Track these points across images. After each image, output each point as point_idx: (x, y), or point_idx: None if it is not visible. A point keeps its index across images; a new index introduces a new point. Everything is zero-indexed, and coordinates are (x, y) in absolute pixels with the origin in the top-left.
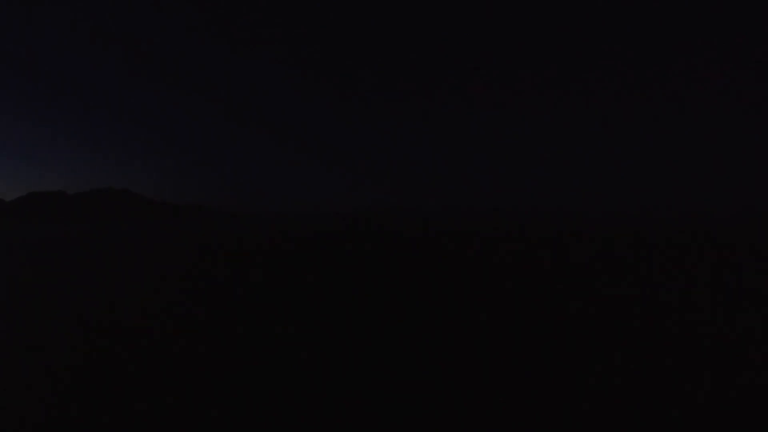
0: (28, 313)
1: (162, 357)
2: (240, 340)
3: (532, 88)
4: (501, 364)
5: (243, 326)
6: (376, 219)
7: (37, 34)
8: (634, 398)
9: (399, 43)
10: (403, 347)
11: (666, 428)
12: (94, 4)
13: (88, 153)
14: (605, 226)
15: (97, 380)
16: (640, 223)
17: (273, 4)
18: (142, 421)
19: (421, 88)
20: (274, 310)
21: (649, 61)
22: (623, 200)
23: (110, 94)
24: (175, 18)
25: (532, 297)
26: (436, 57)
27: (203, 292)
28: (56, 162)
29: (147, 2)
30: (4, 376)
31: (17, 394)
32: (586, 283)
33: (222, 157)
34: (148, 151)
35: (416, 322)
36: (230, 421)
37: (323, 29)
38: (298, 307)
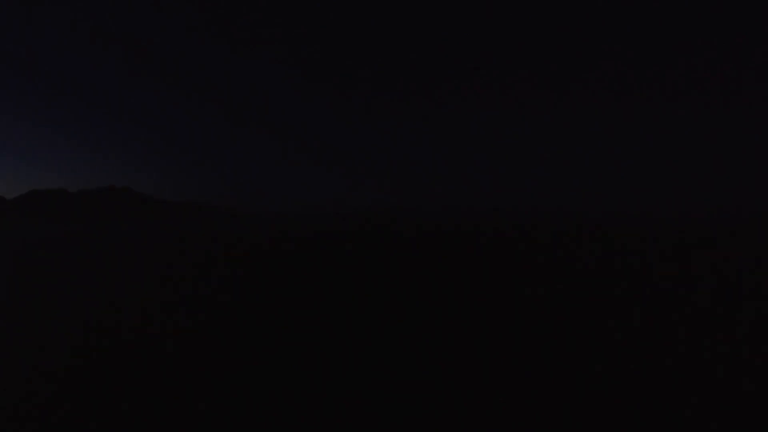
0: (29, 312)
1: (162, 356)
2: (240, 340)
3: (532, 88)
4: (501, 363)
5: (243, 325)
6: (376, 219)
7: (37, 34)
8: (634, 397)
9: (399, 43)
10: (403, 346)
11: (665, 428)
12: (94, 4)
13: (88, 151)
14: (605, 226)
15: (97, 380)
16: (640, 223)
17: (273, 4)
18: (142, 421)
19: (421, 88)
20: (274, 310)
21: (649, 61)
22: (623, 200)
23: (110, 93)
24: (175, 18)
25: (532, 296)
26: (435, 57)
27: (204, 291)
28: (57, 160)
29: (147, 2)
30: (4, 375)
31: (17, 394)
32: (585, 283)
33: (222, 157)
34: (148, 150)
35: (416, 321)
36: (230, 420)
37: (323, 29)
38: (298, 307)
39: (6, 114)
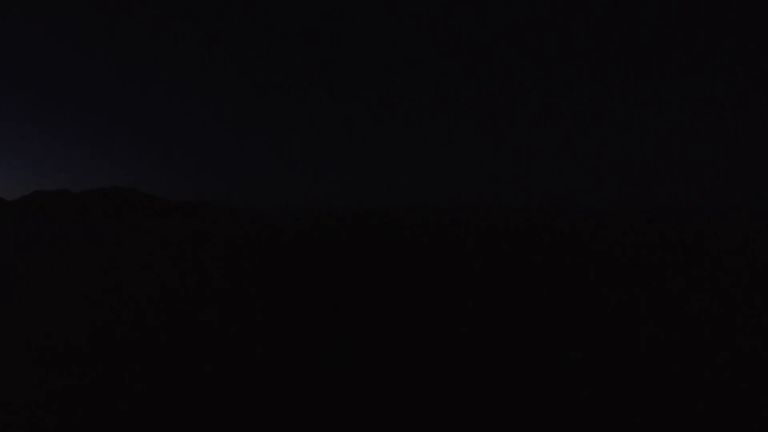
0: (28, 314)
1: (162, 357)
2: (240, 341)
3: (532, 89)
4: (500, 366)
5: (243, 327)
6: (376, 219)
7: (37, 34)
8: (632, 401)
9: (399, 43)
10: (402, 348)
11: (664, 429)
12: (93, 4)
13: (92, 152)
14: (604, 225)
15: (98, 381)
16: (640, 222)
17: (273, 5)
18: (142, 422)
19: (421, 89)
20: (274, 311)
21: (648, 61)
22: (622, 200)
23: (112, 93)
24: (176, 18)
25: (532, 297)
26: (435, 57)
27: (204, 291)
28: (60, 161)
29: (147, 2)
30: (4, 380)
31: (16, 396)
32: (585, 283)
33: (223, 156)
34: (152, 150)
35: (416, 322)
36: (230, 421)
37: (323, 30)
38: (298, 308)
39: (8, 113)
